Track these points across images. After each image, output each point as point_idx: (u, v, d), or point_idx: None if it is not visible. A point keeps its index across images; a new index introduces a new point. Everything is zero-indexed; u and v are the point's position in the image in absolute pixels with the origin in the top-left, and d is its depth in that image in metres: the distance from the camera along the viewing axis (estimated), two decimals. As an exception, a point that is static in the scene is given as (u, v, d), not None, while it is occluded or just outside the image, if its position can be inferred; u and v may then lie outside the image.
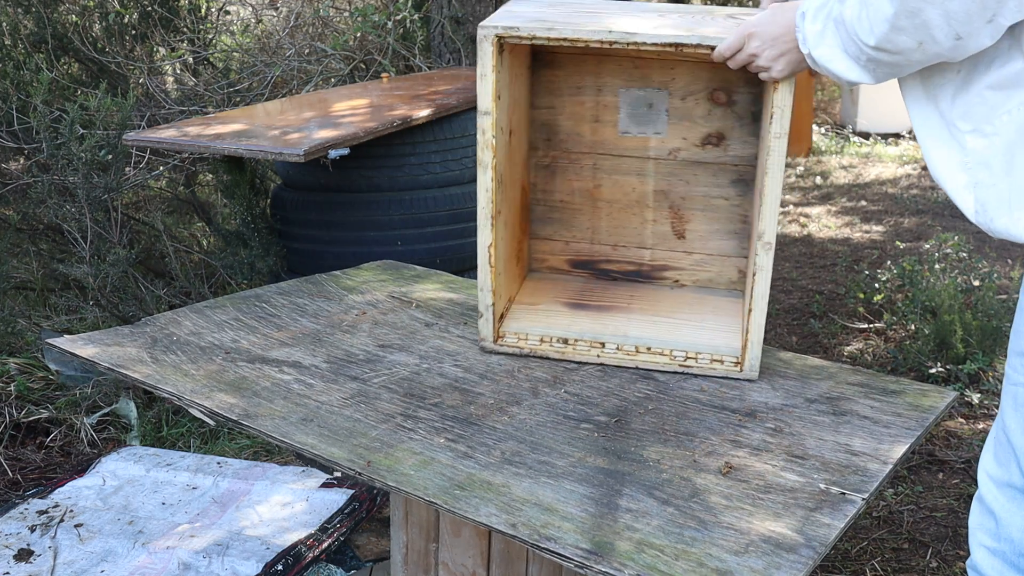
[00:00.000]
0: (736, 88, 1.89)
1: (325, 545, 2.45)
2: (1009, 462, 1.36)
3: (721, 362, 1.75)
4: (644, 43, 1.57)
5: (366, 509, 2.63)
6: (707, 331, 1.83)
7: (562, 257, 2.11)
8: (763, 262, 1.64)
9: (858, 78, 1.36)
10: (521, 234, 2.02)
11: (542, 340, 1.83)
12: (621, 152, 1.98)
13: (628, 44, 1.58)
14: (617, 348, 1.79)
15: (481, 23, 1.62)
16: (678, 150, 1.94)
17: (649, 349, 1.79)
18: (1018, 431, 1.34)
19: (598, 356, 1.81)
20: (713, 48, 1.56)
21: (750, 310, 1.68)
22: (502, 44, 1.65)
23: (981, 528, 1.42)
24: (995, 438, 1.41)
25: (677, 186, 1.97)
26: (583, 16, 1.70)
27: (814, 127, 8.11)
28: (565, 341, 1.82)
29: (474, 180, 3.45)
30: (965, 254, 4.10)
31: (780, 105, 1.54)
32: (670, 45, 1.57)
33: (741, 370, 1.73)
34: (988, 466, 1.42)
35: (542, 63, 1.97)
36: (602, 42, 1.59)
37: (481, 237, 1.76)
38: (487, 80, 1.65)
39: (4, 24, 4.67)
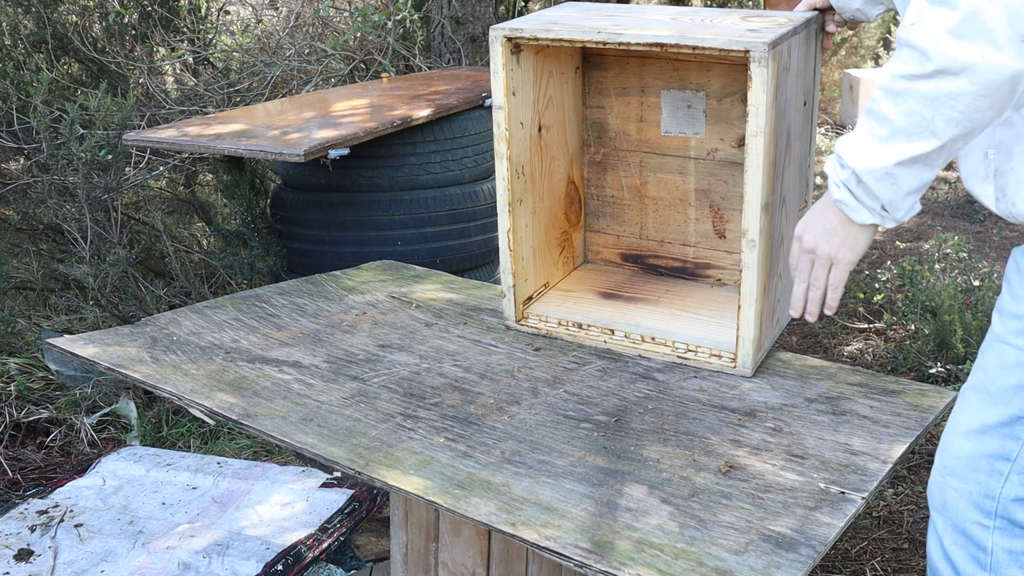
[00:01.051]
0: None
1: (325, 545, 2.46)
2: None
3: (719, 357, 1.76)
4: (630, 43, 1.64)
5: (366, 509, 2.63)
6: (718, 327, 1.85)
7: (614, 250, 2.21)
8: (748, 259, 1.65)
9: (918, 149, 1.24)
10: (567, 225, 2.13)
11: (560, 323, 1.93)
12: (664, 151, 2.06)
13: (618, 44, 1.65)
14: (625, 336, 1.86)
15: (492, 26, 1.78)
16: (716, 150, 1.98)
17: (654, 339, 1.83)
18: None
19: (605, 343, 1.87)
20: (693, 48, 1.58)
21: (739, 307, 1.69)
22: (516, 44, 1.78)
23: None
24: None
25: (717, 186, 2.02)
26: (592, 19, 1.76)
27: (814, 127, 8.10)
28: (579, 326, 1.91)
29: (474, 180, 3.46)
30: (965, 254, 4.10)
31: (755, 103, 1.54)
32: (654, 45, 1.63)
33: (735, 366, 1.74)
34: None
35: (591, 65, 2.07)
36: (594, 42, 1.68)
37: (500, 222, 1.90)
38: (499, 77, 1.79)
39: (4, 24, 4.67)
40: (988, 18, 1.12)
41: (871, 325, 3.87)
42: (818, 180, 6.62)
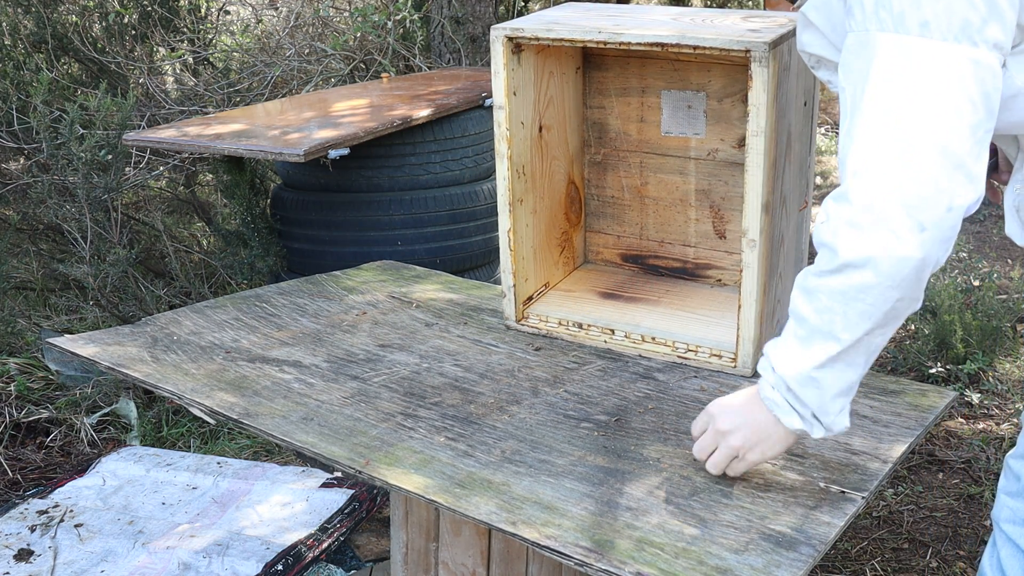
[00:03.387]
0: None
1: (325, 545, 2.46)
2: None
3: (719, 357, 1.76)
4: (631, 43, 1.65)
5: (366, 509, 2.63)
6: (718, 327, 1.85)
7: (614, 251, 2.20)
8: (749, 259, 1.65)
9: (834, 349, 1.23)
10: (567, 225, 2.13)
11: (560, 323, 1.93)
12: (664, 151, 2.06)
13: (619, 44, 1.66)
14: (625, 336, 1.86)
15: (493, 26, 1.79)
16: (716, 151, 1.98)
17: (654, 339, 1.83)
18: None
19: (606, 342, 1.87)
20: (695, 47, 1.59)
21: (740, 307, 1.69)
22: (517, 44, 1.79)
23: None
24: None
25: (717, 186, 2.02)
26: (593, 19, 1.75)
27: (814, 127, 8.08)
28: (580, 326, 1.91)
29: (474, 180, 3.46)
30: (965, 254, 4.11)
31: (755, 103, 1.55)
32: (655, 45, 1.63)
33: (735, 366, 1.74)
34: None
35: (592, 65, 2.07)
36: (595, 41, 1.68)
37: (501, 222, 1.90)
38: (500, 77, 1.79)
39: (4, 24, 4.67)
40: (883, 209, 1.13)
41: (871, 325, 3.87)
42: (818, 180, 6.63)
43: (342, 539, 2.52)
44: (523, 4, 5.52)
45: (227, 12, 5.92)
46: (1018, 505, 1.42)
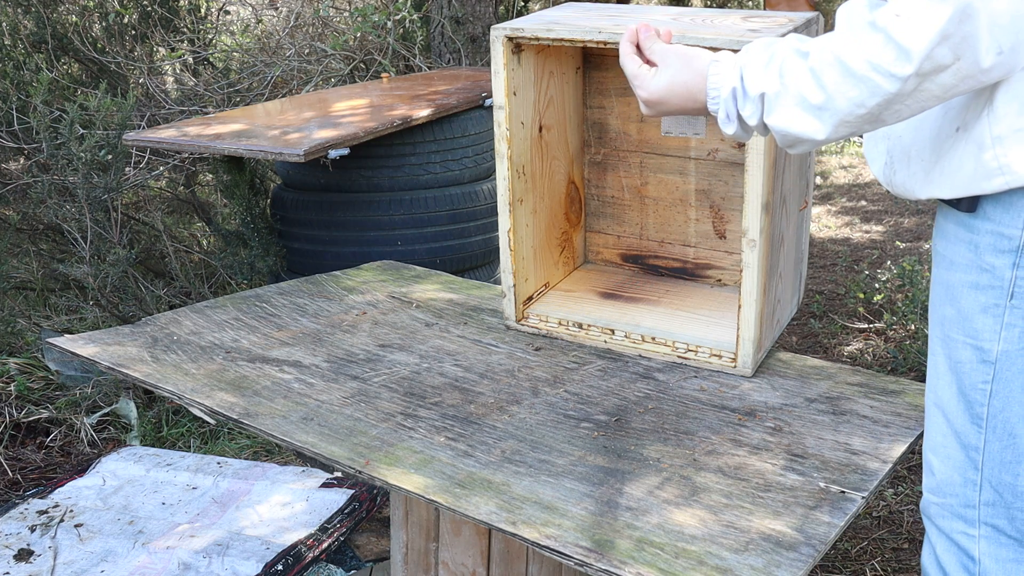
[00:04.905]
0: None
1: (325, 545, 2.46)
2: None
3: (720, 357, 1.76)
4: None
5: (366, 509, 2.63)
6: (718, 327, 1.86)
7: (615, 251, 2.21)
8: (749, 259, 1.65)
9: (844, 132, 1.15)
10: (567, 225, 2.14)
11: (560, 323, 1.93)
12: (665, 151, 2.06)
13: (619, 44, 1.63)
14: (625, 336, 1.86)
15: (493, 26, 1.80)
16: (716, 151, 1.98)
17: (654, 339, 1.83)
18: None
19: (606, 342, 1.87)
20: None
21: (740, 307, 1.69)
22: (517, 44, 1.79)
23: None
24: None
25: (717, 186, 2.02)
26: (593, 19, 1.74)
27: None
28: (580, 326, 1.91)
29: (474, 180, 3.46)
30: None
31: None
32: None
33: (735, 366, 1.74)
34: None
35: (592, 65, 2.07)
36: (595, 41, 1.68)
37: (501, 222, 1.91)
38: (500, 77, 1.80)
39: (4, 24, 4.67)
40: (978, 25, 1.03)
41: (871, 325, 3.87)
42: (818, 180, 6.63)
43: (342, 539, 2.52)
44: (523, 4, 5.52)
45: (227, 12, 5.92)
46: (942, 500, 1.42)
